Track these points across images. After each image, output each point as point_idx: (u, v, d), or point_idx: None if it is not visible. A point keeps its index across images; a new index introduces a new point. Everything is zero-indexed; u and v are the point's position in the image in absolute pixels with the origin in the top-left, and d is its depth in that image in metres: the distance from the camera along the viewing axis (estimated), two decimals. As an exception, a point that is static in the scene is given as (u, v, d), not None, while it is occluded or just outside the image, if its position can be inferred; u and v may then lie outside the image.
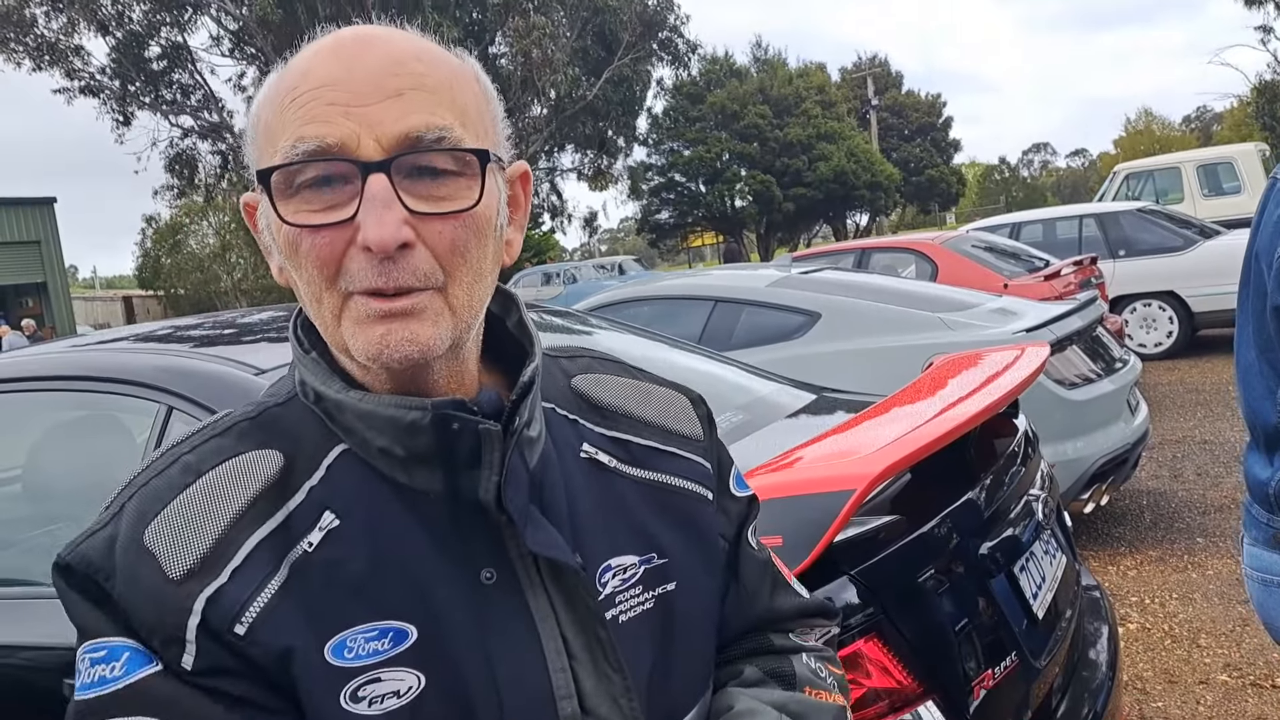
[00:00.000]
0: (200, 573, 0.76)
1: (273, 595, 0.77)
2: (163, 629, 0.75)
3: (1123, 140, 59.56)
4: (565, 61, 24.45)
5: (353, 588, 0.78)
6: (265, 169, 0.77)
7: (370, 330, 0.76)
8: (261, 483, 0.81)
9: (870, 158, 39.81)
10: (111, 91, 24.48)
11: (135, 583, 0.76)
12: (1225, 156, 13.63)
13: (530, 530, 0.81)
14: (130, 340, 2.35)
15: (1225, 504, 5.44)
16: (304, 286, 0.79)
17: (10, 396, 2.30)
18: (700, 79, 39.32)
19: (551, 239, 40.66)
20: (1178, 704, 3.48)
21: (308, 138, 0.75)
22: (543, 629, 0.82)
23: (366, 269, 0.75)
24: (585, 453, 0.92)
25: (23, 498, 2.61)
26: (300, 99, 0.76)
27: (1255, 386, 1.67)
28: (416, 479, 0.82)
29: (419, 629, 0.79)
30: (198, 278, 35.20)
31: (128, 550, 0.77)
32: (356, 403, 0.81)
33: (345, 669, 0.77)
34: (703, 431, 1.02)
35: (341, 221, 0.75)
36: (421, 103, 0.77)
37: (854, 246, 9.42)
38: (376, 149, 0.75)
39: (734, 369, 3.10)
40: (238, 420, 0.86)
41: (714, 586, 0.96)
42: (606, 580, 0.88)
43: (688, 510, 0.95)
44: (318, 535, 0.79)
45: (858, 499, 1.61)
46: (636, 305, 5.65)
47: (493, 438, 0.80)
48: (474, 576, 0.81)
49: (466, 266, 0.79)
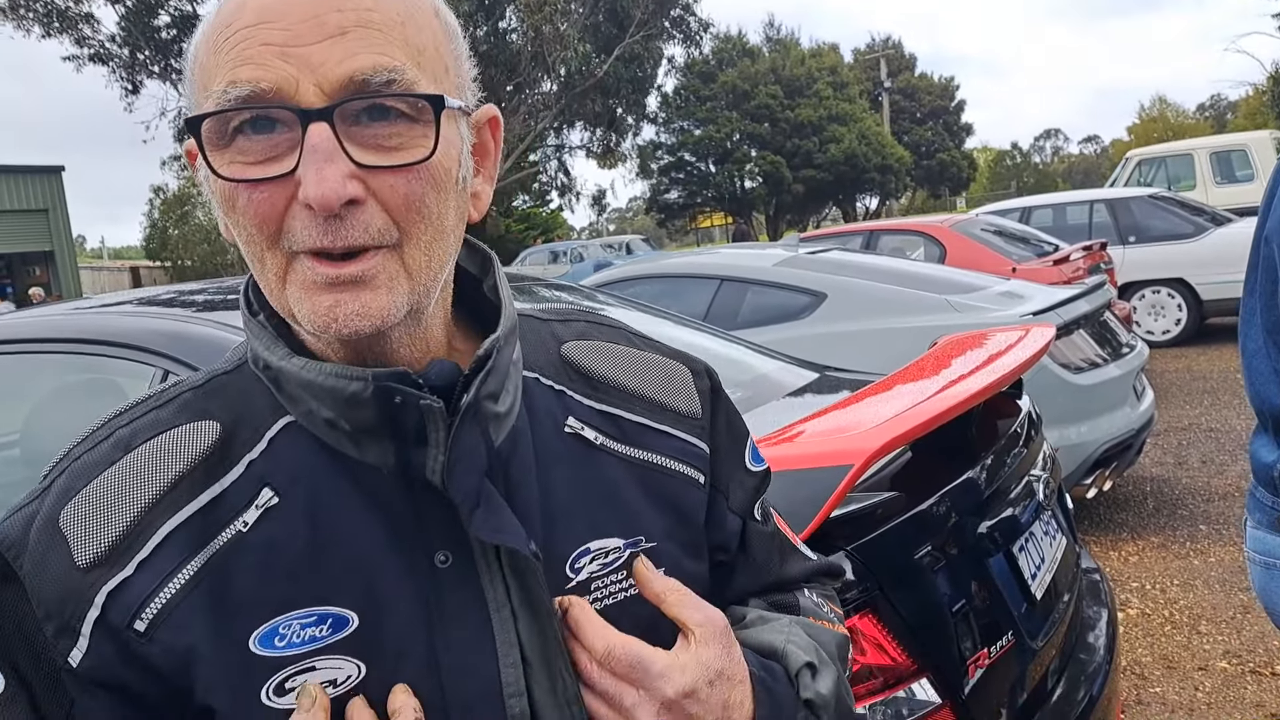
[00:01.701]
0: (107, 562, 0.72)
1: (180, 587, 0.72)
2: (60, 616, 0.71)
3: (1136, 127, 59.15)
4: (576, 38, 24.34)
5: (290, 571, 0.73)
6: (195, 117, 0.70)
7: (318, 299, 0.70)
8: (189, 460, 0.75)
9: (881, 140, 39.66)
10: (121, 60, 24.46)
11: (43, 565, 0.72)
12: (1239, 144, 13.51)
13: (481, 514, 0.74)
14: (132, 304, 2.34)
15: (1229, 492, 5.43)
16: (244, 245, 0.72)
17: (9, 359, 2.30)
18: (712, 58, 39.17)
19: (559, 217, 40.60)
20: (1176, 690, 3.48)
21: (240, 81, 0.67)
22: (496, 620, 0.76)
23: (310, 227, 0.68)
24: (570, 428, 0.86)
25: (18, 461, 2.61)
26: (234, 37, 0.69)
27: (1262, 369, 1.65)
28: (367, 453, 0.76)
29: (360, 615, 0.73)
30: (205, 249, 35.23)
31: (42, 530, 0.73)
32: (298, 371, 0.74)
33: (273, 659, 0.72)
34: (700, 408, 0.93)
35: (281, 176, 0.68)
36: (368, 41, 0.69)
37: (862, 228, 9.38)
38: (318, 94, 0.68)
39: (737, 346, 3.09)
40: (183, 390, 0.81)
41: (700, 574, 0.89)
42: (582, 565, 0.82)
43: (677, 494, 0.89)
44: (254, 514, 0.74)
45: (855, 474, 1.60)
46: (642, 283, 5.63)
47: (436, 414, 0.73)
48: (427, 560, 0.75)
49: (424, 223, 0.72)
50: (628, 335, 0.98)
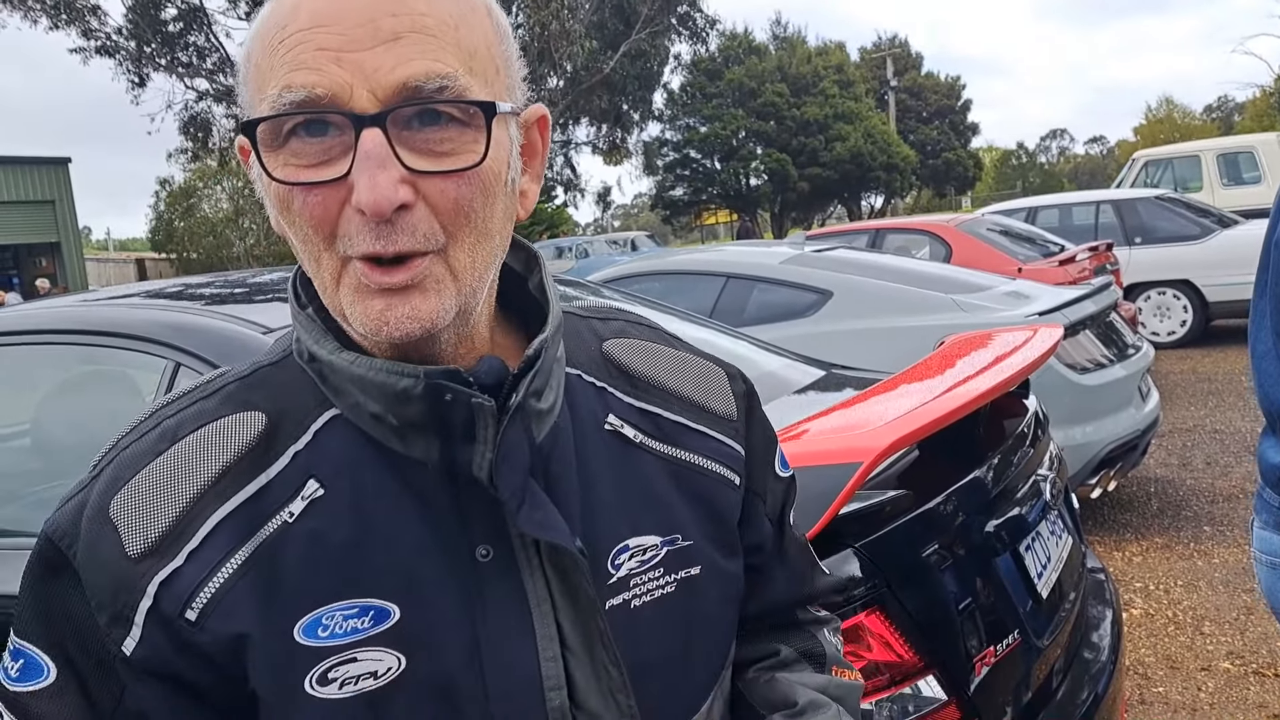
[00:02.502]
0: (158, 552, 0.73)
1: (229, 577, 0.73)
2: (114, 606, 0.73)
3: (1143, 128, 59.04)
4: (582, 34, 24.29)
5: (334, 563, 0.74)
6: (251, 121, 0.71)
7: (369, 304, 0.71)
8: (235, 451, 0.76)
9: (887, 139, 39.60)
10: (128, 52, 24.43)
11: (95, 553, 0.74)
12: (1246, 146, 13.47)
13: (526, 510, 0.75)
14: (140, 296, 2.35)
15: (1234, 493, 5.42)
16: (300, 245, 0.74)
17: (20, 350, 2.31)
18: (718, 55, 39.08)
19: (564, 213, 40.52)
20: (1179, 689, 3.48)
21: (295, 86, 0.68)
22: (537, 614, 0.77)
23: (363, 231, 0.69)
24: (610, 425, 0.87)
25: (30, 451, 2.62)
26: (288, 40, 0.70)
27: (1271, 371, 1.65)
28: (413, 448, 0.77)
29: (402, 608, 0.75)
30: (210, 242, 35.25)
31: (93, 519, 0.75)
32: (348, 365, 0.76)
33: (317, 649, 0.73)
34: (736, 410, 0.95)
35: (334, 180, 0.69)
36: (422, 47, 0.69)
37: (868, 227, 9.37)
38: (371, 100, 0.68)
39: (743, 343, 3.09)
40: (229, 380, 0.82)
41: (734, 573, 0.91)
42: (622, 562, 0.83)
43: (712, 493, 0.90)
44: (299, 504, 0.75)
45: (864, 472, 1.60)
46: (648, 279, 5.64)
47: (486, 413, 0.74)
48: (468, 554, 0.76)
49: (470, 227, 0.73)
50: (664, 335, 0.99)
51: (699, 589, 0.87)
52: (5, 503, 2.51)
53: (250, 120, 0.71)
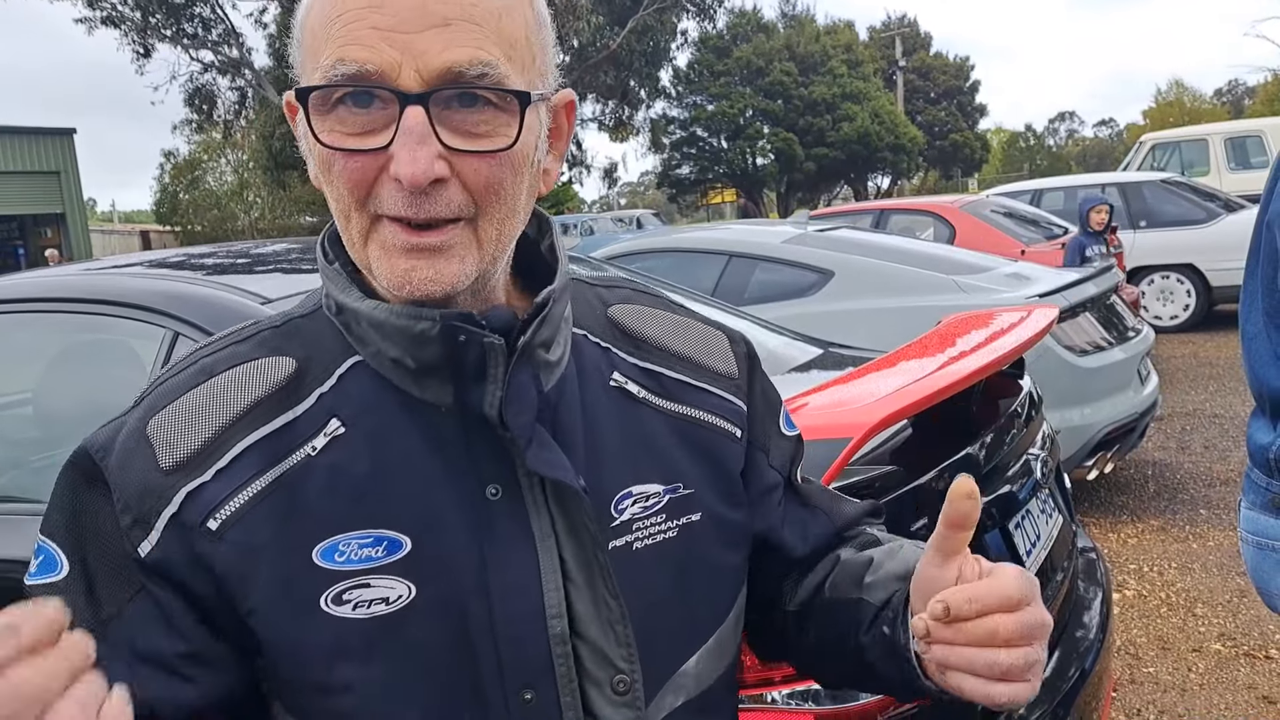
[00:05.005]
0: (188, 467, 0.80)
1: (253, 496, 0.79)
2: (138, 509, 0.79)
3: (1152, 111, 58.60)
4: (589, 9, 24.17)
5: (352, 495, 0.80)
6: (304, 88, 0.77)
7: (395, 262, 0.77)
8: (266, 388, 0.83)
9: (895, 119, 39.40)
10: (133, 23, 24.37)
11: (128, 463, 0.80)
12: (1254, 130, 13.40)
13: (534, 449, 0.81)
14: (143, 266, 2.36)
15: (1231, 477, 5.44)
16: (334, 203, 0.80)
17: (20, 317, 2.32)
18: (726, 33, 38.87)
19: (570, 190, 40.44)
20: (1169, 670, 3.51)
21: (348, 60, 0.74)
22: (541, 548, 0.83)
23: (397, 198, 0.76)
24: (615, 381, 0.92)
25: (29, 418, 2.64)
26: (345, 16, 0.75)
27: (1261, 352, 1.67)
28: (428, 391, 0.82)
29: (414, 540, 0.80)
30: (215, 215, 35.14)
31: (130, 435, 0.81)
32: (371, 310, 0.81)
33: (333, 571, 0.79)
34: (737, 370, 1.00)
35: (375, 149, 0.75)
36: (468, 34, 0.75)
37: (873, 207, 9.37)
38: (416, 80, 0.74)
39: (743, 320, 3.10)
40: (262, 329, 0.89)
41: (737, 521, 0.95)
42: (625, 506, 0.88)
43: (714, 445, 0.95)
44: (322, 440, 0.81)
45: (854, 447, 1.62)
46: (651, 256, 5.64)
47: (497, 351, 0.79)
48: (479, 491, 0.82)
49: (499, 203, 0.79)
50: (668, 303, 1.04)
51: (699, 535, 0.92)
52: (5, 470, 2.53)
53: (304, 87, 0.78)
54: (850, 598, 0.94)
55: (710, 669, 0.93)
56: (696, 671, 0.91)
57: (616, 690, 0.85)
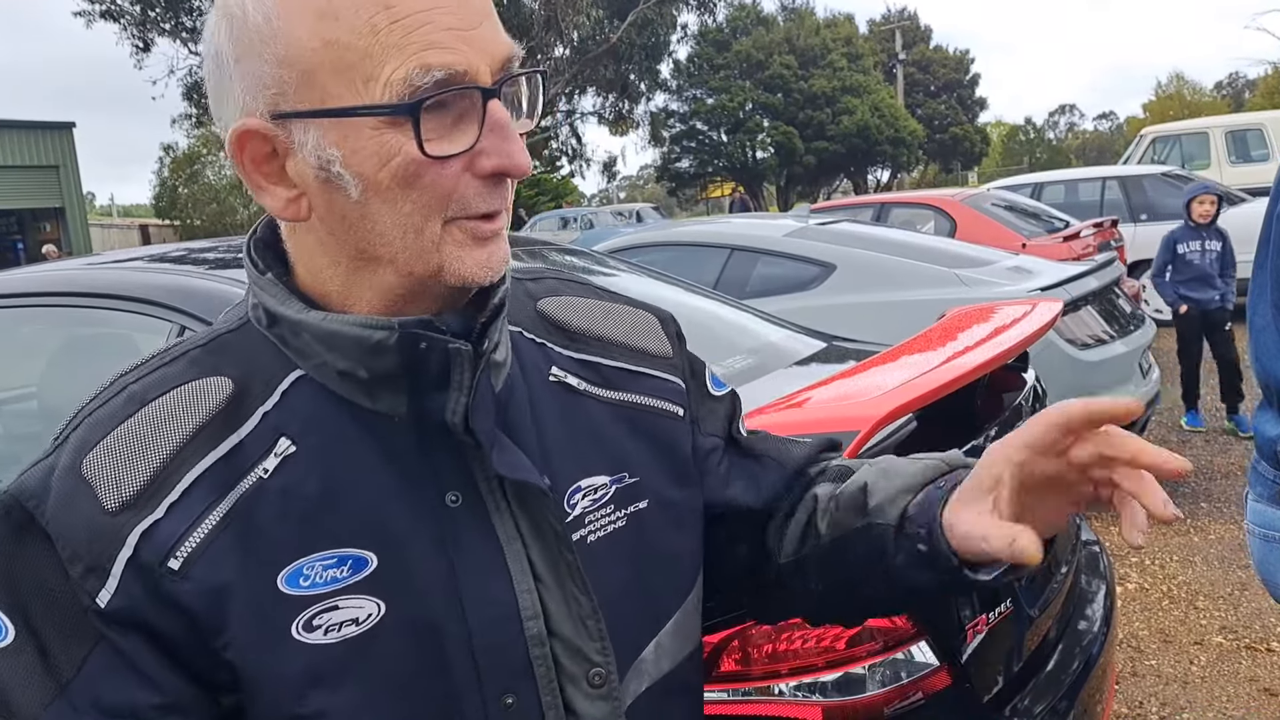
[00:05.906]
0: (137, 505, 0.74)
1: (211, 529, 0.75)
2: (89, 556, 0.73)
3: (1152, 104, 58.51)
4: (589, 2, 24.13)
5: (309, 515, 0.77)
6: (416, 103, 0.72)
7: (476, 253, 0.77)
8: (207, 411, 0.78)
9: (894, 113, 39.32)
10: (132, 16, 24.34)
11: (69, 508, 0.74)
12: (1255, 123, 13.38)
13: (497, 453, 0.80)
14: (145, 260, 2.36)
15: (1232, 470, 5.45)
16: (400, 218, 0.75)
17: (25, 311, 2.32)
18: (726, 26, 38.79)
19: (570, 183, 40.39)
20: (1171, 663, 3.52)
21: (435, 66, 0.72)
22: (509, 551, 0.82)
23: (483, 193, 0.76)
24: (554, 376, 0.91)
25: (33, 413, 2.64)
26: (407, 22, 0.72)
27: (1268, 344, 1.66)
28: (380, 402, 0.80)
29: (379, 556, 0.78)
30: (214, 209, 35.14)
31: (64, 478, 0.75)
32: (319, 323, 0.78)
33: (300, 597, 0.76)
34: (672, 349, 1.01)
35: (465, 151, 0.75)
36: (498, 25, 0.78)
37: (873, 200, 9.35)
38: (488, 74, 0.75)
39: (746, 314, 3.10)
40: (188, 348, 0.83)
41: (684, 500, 0.95)
42: (576, 501, 0.88)
43: (658, 428, 0.95)
44: (273, 461, 0.78)
45: (861, 440, 1.62)
46: (653, 250, 5.63)
47: (463, 357, 0.78)
48: (438, 500, 0.80)
49: None
50: (594, 289, 1.04)
51: (648, 522, 0.92)
52: (9, 464, 2.53)
53: (415, 102, 0.72)
54: (857, 526, 0.92)
55: (672, 652, 0.93)
56: (656, 656, 0.92)
57: (593, 684, 0.85)
